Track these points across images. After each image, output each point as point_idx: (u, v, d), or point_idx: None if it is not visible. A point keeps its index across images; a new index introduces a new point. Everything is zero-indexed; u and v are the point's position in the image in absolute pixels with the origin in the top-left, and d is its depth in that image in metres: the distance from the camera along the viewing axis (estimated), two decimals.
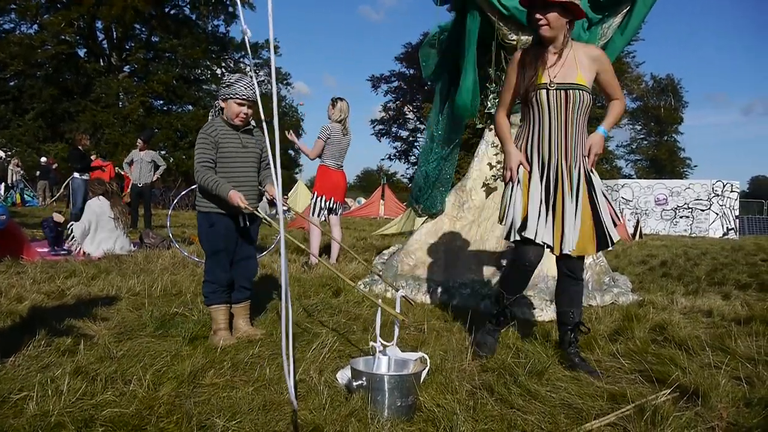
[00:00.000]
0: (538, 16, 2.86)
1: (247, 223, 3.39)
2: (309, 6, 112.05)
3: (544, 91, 2.89)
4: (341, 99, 6.52)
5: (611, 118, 3.05)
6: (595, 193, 2.92)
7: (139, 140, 11.02)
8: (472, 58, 4.87)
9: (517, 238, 2.90)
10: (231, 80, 3.28)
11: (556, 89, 2.89)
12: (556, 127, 2.91)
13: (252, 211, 3.21)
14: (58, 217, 7.18)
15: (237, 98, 3.24)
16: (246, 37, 2.25)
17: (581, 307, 3.05)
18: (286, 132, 6.67)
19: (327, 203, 6.46)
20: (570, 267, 2.98)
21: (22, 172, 21.08)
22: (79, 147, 10.62)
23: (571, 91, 2.88)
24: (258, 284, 4.47)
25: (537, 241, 2.85)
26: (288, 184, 26.15)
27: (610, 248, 2.94)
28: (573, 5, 2.85)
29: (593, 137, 2.96)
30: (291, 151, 41.50)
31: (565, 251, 2.86)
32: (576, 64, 2.91)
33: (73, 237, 6.94)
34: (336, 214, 6.56)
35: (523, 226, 2.88)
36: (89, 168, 10.59)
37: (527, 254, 2.91)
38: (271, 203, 3.48)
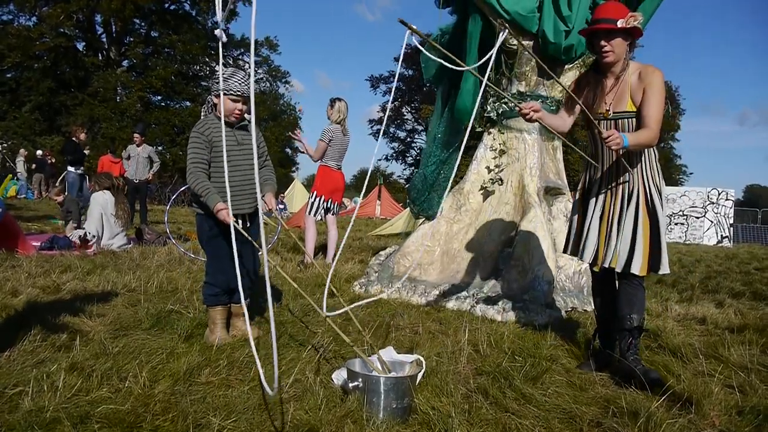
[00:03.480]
0: (603, 43, 2.88)
1: (248, 223, 3.32)
2: (304, 5, 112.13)
3: (600, 122, 2.97)
4: (340, 99, 6.52)
5: (637, 134, 2.84)
6: (654, 220, 2.91)
7: (136, 135, 11.00)
8: (473, 61, 4.89)
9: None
10: (224, 75, 3.12)
11: (609, 119, 2.95)
12: (608, 154, 2.99)
13: (237, 227, 3.01)
14: (74, 236, 7.09)
15: (231, 94, 3.11)
16: (221, 41, 2.34)
17: (643, 312, 2.95)
18: (293, 132, 6.74)
19: (325, 203, 6.49)
20: (621, 276, 2.97)
21: (24, 162, 20.92)
22: (74, 139, 10.61)
23: (620, 120, 2.94)
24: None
25: (581, 259, 3.08)
26: (285, 183, 26.16)
27: (659, 273, 2.90)
28: (635, 30, 2.86)
29: (617, 133, 2.75)
30: (288, 149, 41.45)
31: (605, 265, 2.94)
32: (628, 88, 2.92)
33: (89, 234, 6.88)
34: (333, 214, 6.59)
35: (565, 247, 3.24)
36: (81, 161, 10.61)
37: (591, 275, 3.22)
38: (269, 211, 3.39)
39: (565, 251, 3.28)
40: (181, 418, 2.14)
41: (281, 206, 19.43)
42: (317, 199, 6.48)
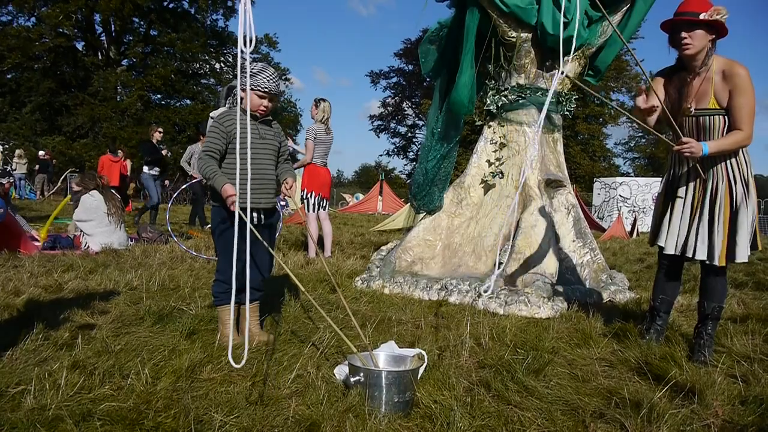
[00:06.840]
0: (683, 35, 2.91)
1: (262, 218, 3.24)
2: (300, 1, 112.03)
3: (683, 120, 3.04)
4: (323, 100, 6.79)
5: (721, 141, 2.93)
6: (734, 211, 2.98)
7: (203, 136, 10.98)
8: (469, 54, 4.87)
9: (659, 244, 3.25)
10: (253, 70, 3.10)
11: (690, 116, 3.02)
12: None
13: (240, 212, 3.00)
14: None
15: (258, 90, 3.10)
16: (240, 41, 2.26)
17: (722, 301, 3.16)
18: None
19: (318, 199, 6.65)
20: (704, 265, 3.13)
21: (26, 162, 20.88)
22: (152, 140, 10.67)
23: (702, 117, 2.99)
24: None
25: (659, 244, 3.22)
26: None
27: (736, 261, 2.99)
28: (719, 23, 2.86)
29: (694, 142, 2.90)
30: (291, 146, 41.45)
31: (696, 256, 3.05)
32: (712, 85, 2.94)
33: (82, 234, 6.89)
34: (324, 210, 6.75)
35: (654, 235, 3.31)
36: (158, 161, 10.65)
37: (660, 258, 3.34)
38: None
39: (650, 243, 3.38)
40: (183, 414, 2.14)
41: (283, 203, 19.39)
42: (311, 196, 6.67)
